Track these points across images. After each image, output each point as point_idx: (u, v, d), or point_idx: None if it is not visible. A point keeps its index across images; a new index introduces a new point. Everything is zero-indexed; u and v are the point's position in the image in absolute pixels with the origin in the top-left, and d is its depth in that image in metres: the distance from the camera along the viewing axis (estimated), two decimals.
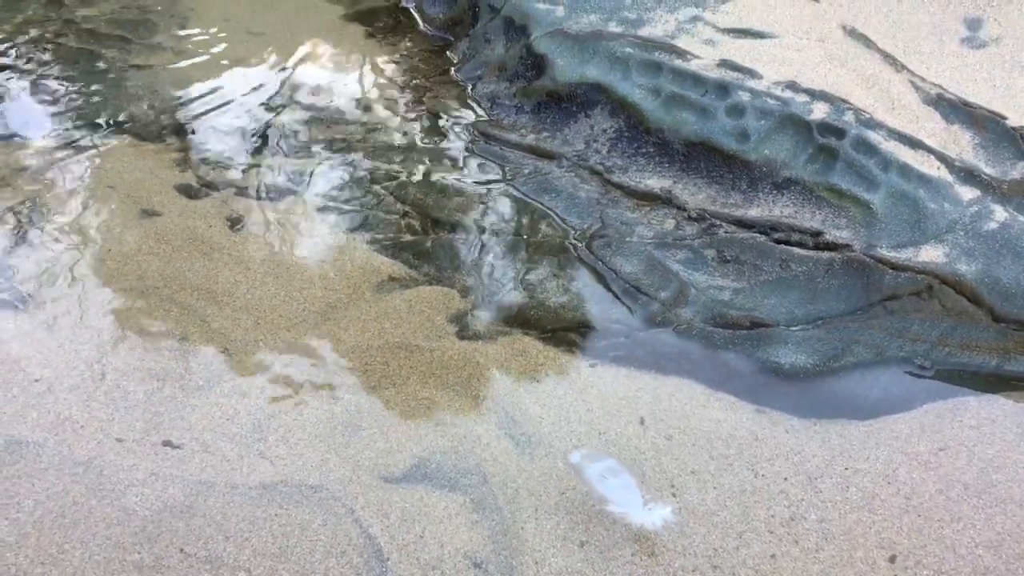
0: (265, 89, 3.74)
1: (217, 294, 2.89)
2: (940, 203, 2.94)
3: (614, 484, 2.39)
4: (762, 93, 3.22)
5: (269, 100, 3.69)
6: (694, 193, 3.20)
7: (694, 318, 2.87)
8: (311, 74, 3.85)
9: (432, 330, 2.84)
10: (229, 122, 3.57)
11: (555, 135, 3.49)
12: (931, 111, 3.22)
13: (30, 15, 4.06)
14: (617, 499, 2.35)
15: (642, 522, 2.30)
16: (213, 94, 3.70)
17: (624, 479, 2.41)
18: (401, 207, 3.26)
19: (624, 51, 3.44)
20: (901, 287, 2.83)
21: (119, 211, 3.16)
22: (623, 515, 2.32)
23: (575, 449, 2.51)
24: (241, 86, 3.75)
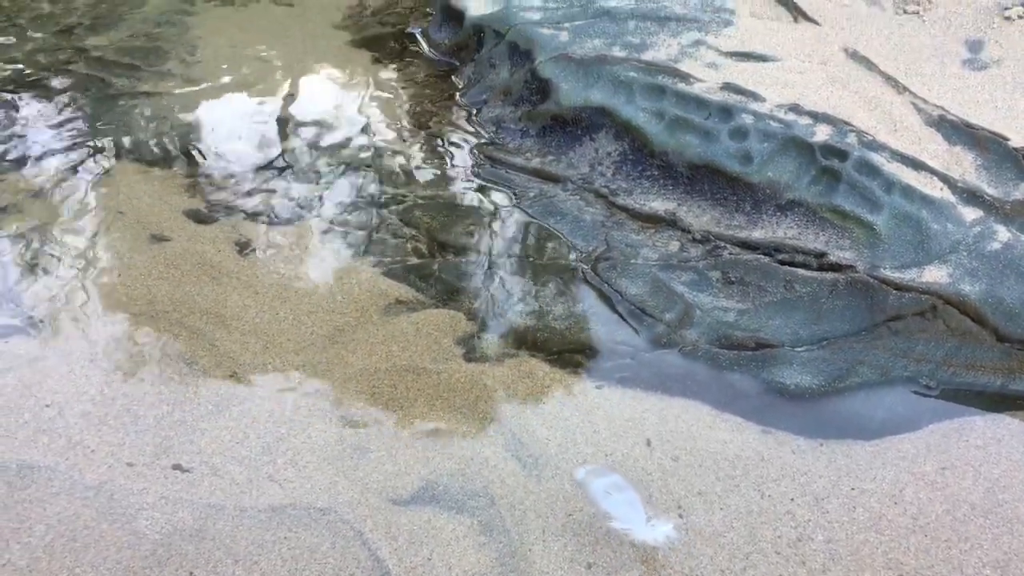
0: (273, 115, 3.78)
1: (226, 318, 2.92)
2: (943, 224, 2.96)
3: (618, 500, 2.41)
4: (765, 116, 3.25)
5: (277, 125, 3.72)
6: (698, 215, 3.22)
7: (699, 339, 2.89)
8: (318, 99, 3.89)
9: (439, 352, 2.86)
10: (237, 148, 3.61)
11: (560, 158, 3.52)
12: (933, 132, 3.25)
13: (41, 43, 4.11)
14: (620, 515, 2.37)
15: (644, 538, 2.31)
16: (221, 120, 3.74)
17: (628, 495, 2.42)
18: (408, 230, 3.29)
19: (628, 75, 3.48)
20: (905, 308, 2.84)
21: (129, 236, 3.19)
22: (626, 531, 2.34)
23: (580, 465, 2.53)
24: (249, 112, 3.80)
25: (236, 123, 3.73)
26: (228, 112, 3.79)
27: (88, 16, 4.30)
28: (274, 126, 3.72)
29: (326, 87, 3.97)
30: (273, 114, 3.79)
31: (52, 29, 4.21)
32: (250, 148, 3.61)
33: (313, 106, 3.86)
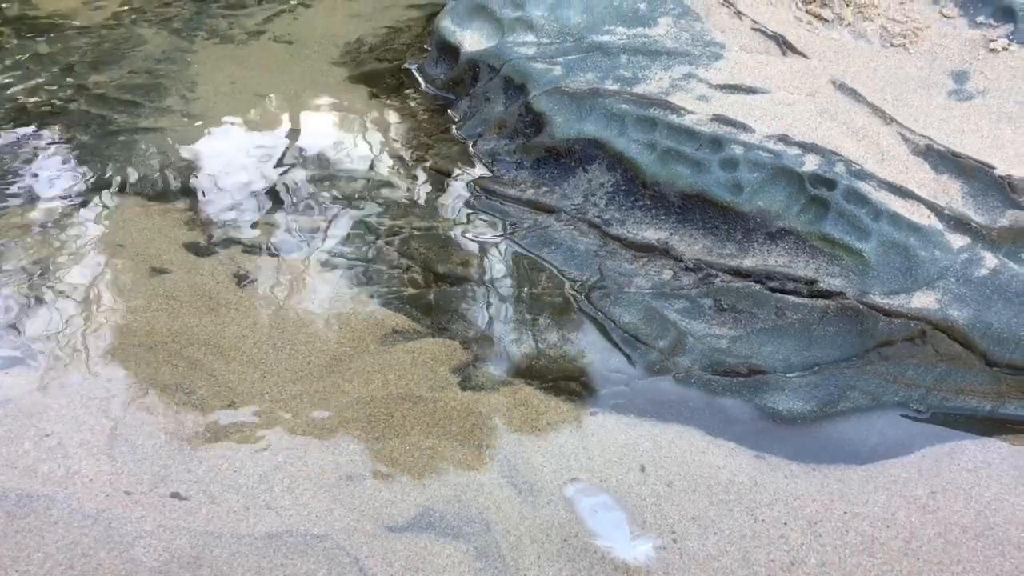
0: (271, 149, 3.84)
1: (224, 348, 2.95)
2: (931, 251, 3.01)
3: (604, 519, 2.45)
4: (755, 146, 3.30)
5: (275, 159, 3.78)
6: (690, 244, 3.26)
7: (692, 366, 2.92)
8: (316, 134, 3.95)
9: (435, 381, 2.89)
10: (236, 181, 3.66)
11: (554, 190, 3.57)
12: (920, 161, 3.30)
13: (42, 81, 4.18)
14: (605, 533, 2.42)
15: (625, 557, 2.36)
16: (221, 155, 3.80)
17: (615, 515, 2.46)
18: (404, 261, 3.33)
19: (620, 108, 3.54)
20: (895, 333, 2.88)
21: (128, 269, 3.23)
22: (608, 549, 2.38)
23: (571, 483, 2.56)
24: (248, 146, 3.85)
25: (235, 158, 3.79)
26: (227, 147, 3.85)
27: (90, 55, 4.38)
28: (272, 160, 3.78)
29: (324, 122, 4.04)
30: (272, 148, 3.85)
31: (53, 68, 4.29)
32: (249, 182, 3.66)
33: (311, 140, 3.92)
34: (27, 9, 4.76)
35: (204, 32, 4.61)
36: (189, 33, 4.59)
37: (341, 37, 4.63)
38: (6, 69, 4.27)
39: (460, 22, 4.22)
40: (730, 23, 3.99)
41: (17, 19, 4.67)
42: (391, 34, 4.67)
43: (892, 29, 3.92)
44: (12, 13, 4.71)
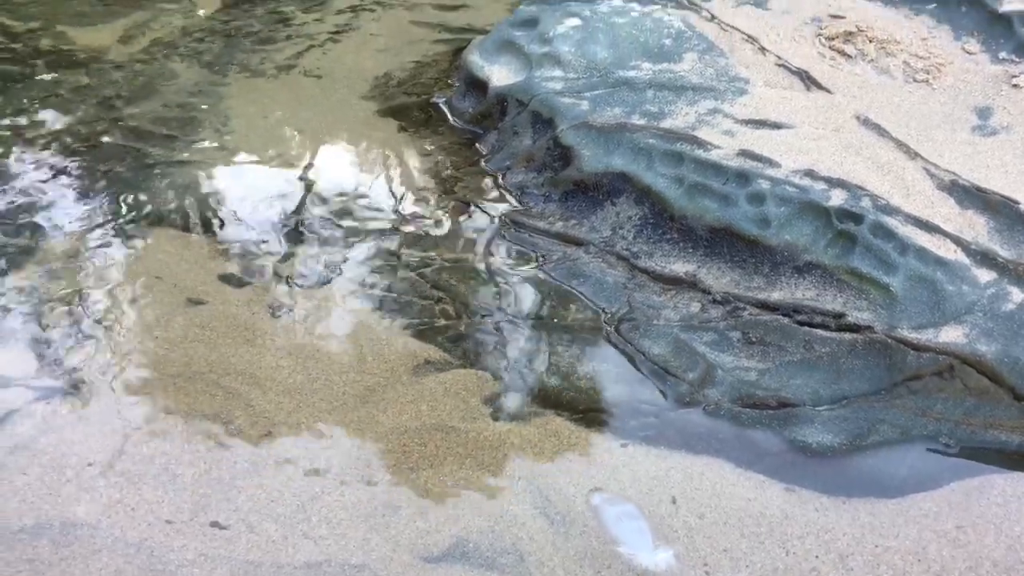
0: (303, 181, 3.91)
1: (260, 379, 3.01)
2: (958, 285, 3.04)
3: (628, 527, 2.54)
4: (781, 181, 3.35)
5: (307, 192, 3.85)
6: (718, 277, 3.31)
7: (722, 398, 2.96)
8: (346, 167, 4.03)
9: (467, 412, 2.94)
10: (269, 214, 3.73)
11: (582, 222, 3.62)
12: (946, 196, 3.34)
13: (81, 115, 4.27)
14: (628, 541, 2.51)
15: (646, 564, 2.46)
16: (254, 186, 3.87)
17: (639, 524, 2.55)
18: (436, 293, 3.39)
19: (647, 142, 3.60)
20: (923, 367, 2.91)
21: (166, 300, 3.30)
22: (631, 555, 2.47)
23: (596, 491, 2.63)
24: (280, 179, 3.93)
25: (268, 189, 3.86)
26: (260, 179, 3.92)
27: (125, 88, 4.47)
28: (305, 192, 3.85)
29: (354, 155, 4.11)
30: (304, 181, 3.92)
31: (89, 101, 4.38)
32: (282, 214, 3.73)
33: (342, 173, 3.99)
34: (61, 43, 4.87)
35: (236, 66, 4.70)
36: (221, 67, 4.69)
37: (370, 71, 4.72)
38: (42, 102, 4.37)
39: (488, 57, 4.29)
40: (754, 59, 4.05)
41: (51, 52, 4.77)
42: (418, 68, 4.75)
43: (915, 65, 3.97)
44: (46, 47, 4.82)
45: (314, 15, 5.28)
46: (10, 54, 4.70)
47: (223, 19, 5.19)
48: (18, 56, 4.69)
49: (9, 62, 4.63)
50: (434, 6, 5.47)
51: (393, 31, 5.14)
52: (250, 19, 5.21)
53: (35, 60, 4.67)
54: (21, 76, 4.54)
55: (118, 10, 5.23)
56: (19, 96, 4.38)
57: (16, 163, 3.96)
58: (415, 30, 5.16)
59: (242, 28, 5.09)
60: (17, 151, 4.03)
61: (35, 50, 4.76)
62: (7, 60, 4.65)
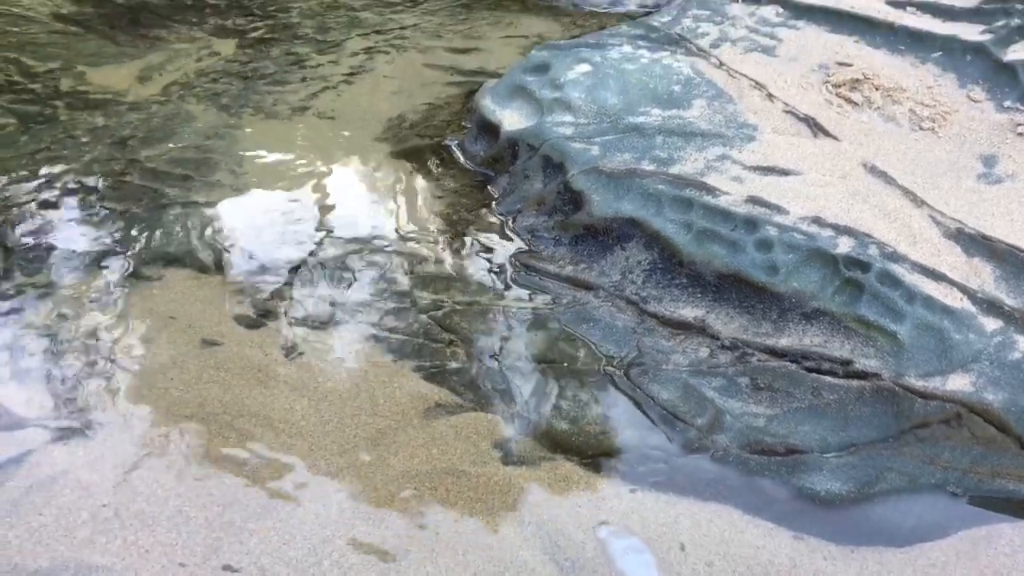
0: (316, 223, 3.97)
1: (273, 421, 3.04)
2: (965, 333, 3.07)
3: (634, 561, 2.59)
4: (789, 228, 3.39)
5: (320, 234, 3.90)
6: (726, 322, 3.34)
7: (730, 444, 2.98)
8: (360, 209, 4.08)
9: (477, 456, 2.97)
10: (283, 255, 3.78)
11: (592, 266, 3.67)
12: (952, 245, 3.38)
13: (97, 155, 4.34)
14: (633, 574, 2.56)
15: None
16: (268, 228, 3.93)
17: (645, 557, 2.60)
18: (447, 335, 3.42)
19: (657, 188, 3.65)
20: (931, 415, 2.93)
21: (180, 340, 3.34)
22: None
23: (602, 525, 2.68)
24: (294, 220, 3.98)
25: (282, 231, 3.91)
26: (275, 220, 3.98)
27: (142, 129, 4.55)
28: (318, 234, 3.90)
29: (367, 197, 4.16)
30: (316, 222, 3.97)
31: (107, 141, 4.45)
32: (296, 255, 3.78)
33: (355, 215, 4.04)
34: (79, 84, 4.95)
35: (251, 108, 4.78)
36: (237, 109, 4.76)
37: (383, 113, 4.79)
38: (61, 143, 4.44)
39: (500, 101, 4.36)
40: (762, 105, 4.11)
41: (70, 94, 4.85)
42: (431, 111, 4.82)
43: (921, 113, 4.03)
44: (65, 88, 4.90)
45: (329, 57, 5.37)
46: (30, 95, 4.78)
47: (239, 60, 5.28)
48: (38, 96, 4.78)
49: (29, 103, 4.71)
50: (447, 49, 5.55)
51: (406, 73, 5.22)
52: (265, 60, 5.30)
53: (54, 100, 4.75)
54: (40, 116, 4.62)
55: (135, 51, 5.32)
56: (38, 136, 4.46)
57: (34, 203, 4.02)
58: (428, 72, 5.24)
59: (258, 70, 5.17)
60: (35, 191, 4.09)
61: (54, 90, 4.84)
62: (27, 100, 4.73)
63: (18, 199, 4.04)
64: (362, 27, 5.83)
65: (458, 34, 5.79)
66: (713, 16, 4.74)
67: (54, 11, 5.69)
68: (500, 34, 5.83)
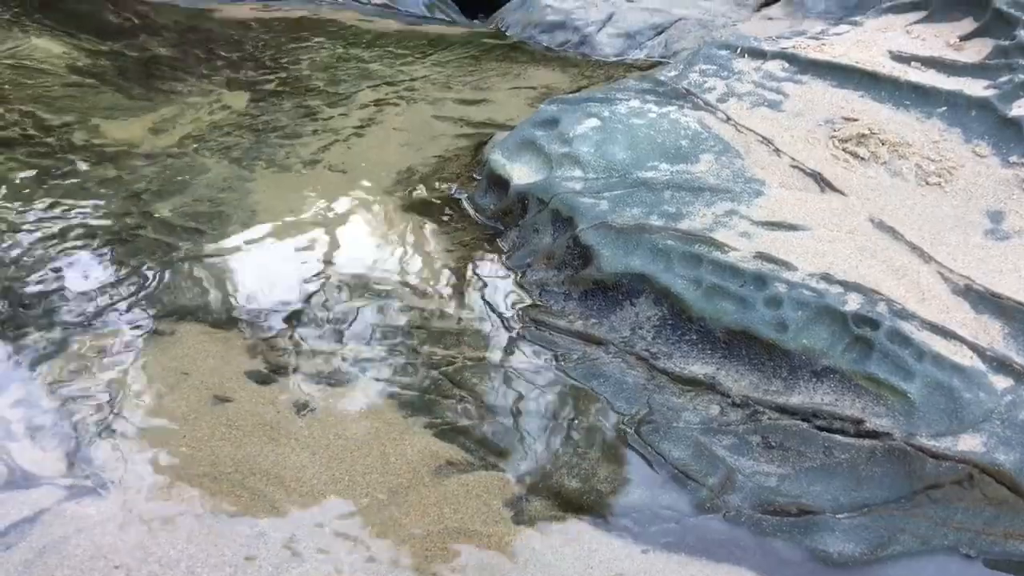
0: (328, 277, 4.00)
1: (285, 479, 3.05)
2: (975, 392, 3.08)
3: None
4: (798, 284, 3.42)
5: (332, 287, 3.94)
6: (736, 379, 3.35)
7: (742, 504, 2.98)
8: (370, 262, 4.11)
9: (489, 515, 2.97)
10: (295, 309, 3.81)
11: (602, 322, 3.69)
12: (960, 301, 3.40)
13: (111, 209, 4.39)
14: None
15: None
16: (281, 282, 3.96)
17: None
18: (457, 391, 3.44)
19: (666, 243, 3.68)
20: (943, 476, 2.93)
21: (192, 397, 3.36)
22: None
23: None
24: (306, 274, 4.02)
25: (294, 285, 3.95)
26: (286, 274, 4.01)
27: (155, 182, 4.60)
28: (329, 288, 3.93)
29: (378, 251, 4.20)
30: (328, 276, 4.00)
31: (121, 194, 4.50)
32: (307, 309, 3.81)
33: (366, 269, 4.08)
34: (94, 137, 5.02)
35: (263, 161, 4.84)
36: (249, 162, 4.82)
37: (393, 166, 4.84)
38: (75, 195, 4.49)
39: (509, 156, 4.41)
40: (769, 160, 4.16)
41: (84, 147, 4.92)
42: (440, 163, 4.87)
43: (927, 168, 4.06)
44: (80, 141, 4.97)
45: (339, 109, 5.44)
46: (45, 148, 4.85)
47: (251, 113, 5.35)
48: (53, 150, 4.84)
49: (44, 155, 4.78)
50: (456, 100, 5.63)
51: (416, 125, 5.29)
52: (277, 113, 5.37)
53: (69, 154, 4.81)
54: (55, 169, 4.68)
55: (149, 104, 5.41)
56: (53, 189, 4.52)
57: (47, 257, 4.06)
58: (437, 124, 5.31)
59: (269, 122, 5.24)
60: (49, 245, 4.13)
61: (69, 143, 4.91)
62: (42, 154, 4.79)
63: (32, 253, 4.08)
64: (372, 79, 5.92)
65: (467, 85, 5.88)
66: (719, 71, 4.80)
67: (70, 64, 5.78)
68: (508, 85, 5.91)
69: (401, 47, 6.55)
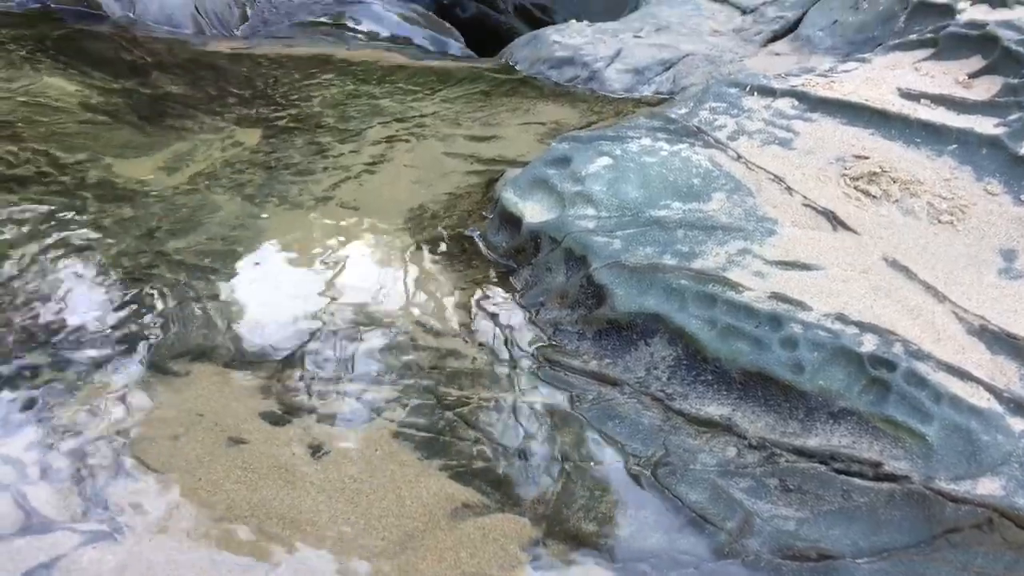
0: (341, 316, 4.00)
1: (301, 523, 3.04)
2: (993, 435, 3.07)
3: None
4: (813, 325, 3.41)
5: (345, 327, 3.94)
6: (753, 421, 3.34)
7: (761, 549, 2.96)
8: (384, 301, 4.12)
9: (506, 560, 2.95)
10: (308, 349, 3.81)
11: (616, 362, 3.68)
12: (975, 342, 3.39)
13: (124, 247, 4.41)
14: None
15: None
16: (295, 322, 3.96)
17: None
18: (473, 433, 3.43)
19: (680, 283, 3.68)
20: (962, 520, 2.91)
21: (207, 439, 3.35)
22: None
23: None
24: (320, 313, 4.02)
25: (308, 324, 3.95)
26: (300, 313, 4.02)
27: (168, 220, 4.62)
28: (342, 327, 3.94)
29: (391, 289, 4.20)
30: (341, 316, 4.01)
31: (135, 233, 4.52)
32: (320, 349, 3.81)
33: (379, 306, 4.08)
34: (107, 175, 5.04)
35: (275, 198, 4.86)
36: (261, 199, 4.84)
37: (404, 203, 4.86)
38: (89, 234, 4.51)
39: (521, 194, 4.43)
40: (781, 198, 4.17)
41: (98, 185, 4.94)
42: (452, 200, 4.89)
43: (939, 206, 4.07)
44: (93, 179, 4.99)
45: (350, 146, 5.47)
46: (59, 186, 4.87)
47: (263, 150, 5.38)
48: (66, 188, 4.86)
49: (58, 194, 4.80)
50: (466, 136, 5.66)
51: (427, 162, 5.31)
52: (289, 150, 5.40)
53: (83, 192, 4.84)
54: (69, 207, 4.70)
55: (162, 141, 5.44)
56: (66, 228, 4.53)
57: (61, 297, 4.07)
58: (448, 161, 5.34)
59: (281, 160, 5.27)
60: (62, 284, 4.14)
61: (82, 181, 4.94)
62: (56, 192, 4.81)
63: (45, 292, 4.09)
64: (383, 115, 5.95)
65: (477, 121, 5.91)
66: (729, 108, 4.83)
67: (83, 101, 5.83)
68: (518, 121, 5.94)
69: (411, 83, 6.59)
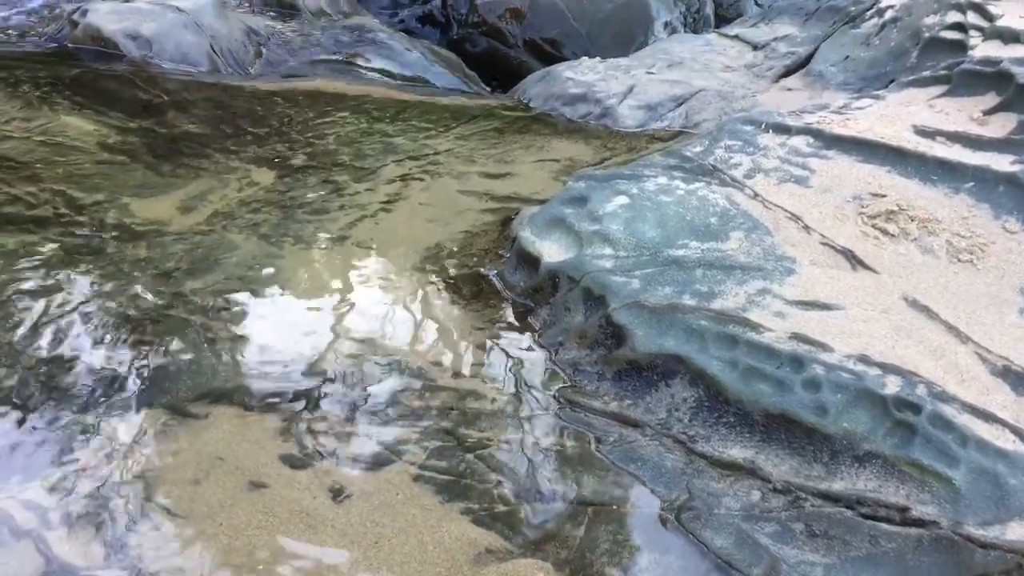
0: (360, 358, 4.00)
1: (323, 570, 3.02)
2: (1020, 478, 3.04)
3: None
4: (835, 367, 3.40)
5: (363, 369, 3.93)
6: (776, 464, 3.32)
7: None
8: (403, 342, 4.11)
9: None
10: (328, 390, 3.81)
11: (637, 403, 3.67)
12: (1000, 383, 3.37)
13: (141, 289, 4.41)
14: None
15: None
16: (313, 362, 3.96)
17: None
18: (494, 476, 3.41)
19: (700, 324, 3.67)
20: (991, 566, 2.88)
21: (228, 483, 3.34)
22: None
23: None
24: (338, 354, 4.01)
25: (326, 365, 3.94)
26: (318, 354, 4.01)
27: (185, 261, 4.63)
28: (361, 369, 3.93)
29: (409, 330, 4.20)
30: (360, 357, 4.00)
31: (152, 273, 4.53)
32: (339, 391, 3.80)
33: (397, 347, 4.08)
34: (124, 216, 5.06)
35: (291, 238, 4.87)
36: (277, 239, 4.85)
37: (421, 242, 4.87)
38: (107, 275, 4.52)
39: (539, 233, 4.44)
40: (799, 237, 4.17)
41: (115, 226, 4.96)
42: (468, 239, 4.90)
43: (958, 244, 4.07)
44: (111, 220, 5.01)
45: (366, 184, 5.49)
46: (77, 227, 4.89)
47: (279, 189, 5.40)
48: (84, 228, 4.88)
49: (75, 235, 4.82)
50: (480, 174, 5.68)
51: (442, 200, 5.33)
52: (304, 189, 5.42)
53: (100, 232, 4.85)
54: (86, 248, 4.71)
55: (178, 180, 5.46)
56: (84, 270, 4.54)
57: (79, 340, 4.07)
58: (463, 199, 5.35)
59: (296, 199, 5.29)
60: (81, 327, 4.15)
61: (100, 222, 4.95)
62: (73, 233, 4.83)
63: (64, 335, 4.09)
64: (397, 153, 5.98)
65: (491, 159, 5.93)
66: (745, 146, 4.84)
67: (100, 140, 5.86)
68: (532, 158, 5.97)
69: (424, 120, 6.63)
